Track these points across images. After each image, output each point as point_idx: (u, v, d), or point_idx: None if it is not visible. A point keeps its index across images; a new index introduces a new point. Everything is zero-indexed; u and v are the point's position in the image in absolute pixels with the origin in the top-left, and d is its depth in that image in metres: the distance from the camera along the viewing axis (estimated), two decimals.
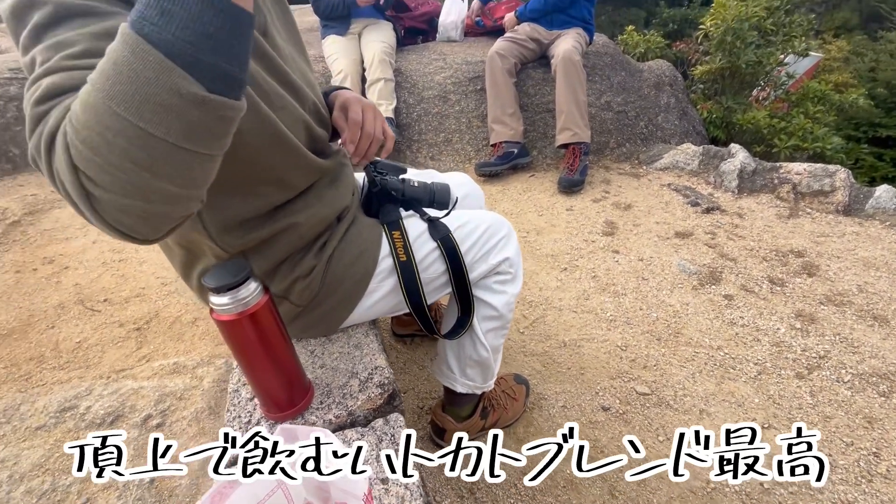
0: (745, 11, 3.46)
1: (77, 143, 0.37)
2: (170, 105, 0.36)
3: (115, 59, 0.36)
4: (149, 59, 0.35)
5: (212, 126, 0.39)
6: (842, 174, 2.21)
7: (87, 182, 0.39)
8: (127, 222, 0.41)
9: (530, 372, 1.41)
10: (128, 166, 0.37)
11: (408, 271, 0.83)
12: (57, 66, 0.43)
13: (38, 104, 0.41)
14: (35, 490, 1.07)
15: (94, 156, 0.37)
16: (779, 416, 1.25)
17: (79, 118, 0.37)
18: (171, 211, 0.43)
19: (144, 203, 0.40)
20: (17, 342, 1.50)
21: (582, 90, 2.41)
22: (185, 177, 0.41)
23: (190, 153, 0.39)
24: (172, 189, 0.40)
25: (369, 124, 0.79)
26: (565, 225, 2.16)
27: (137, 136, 0.36)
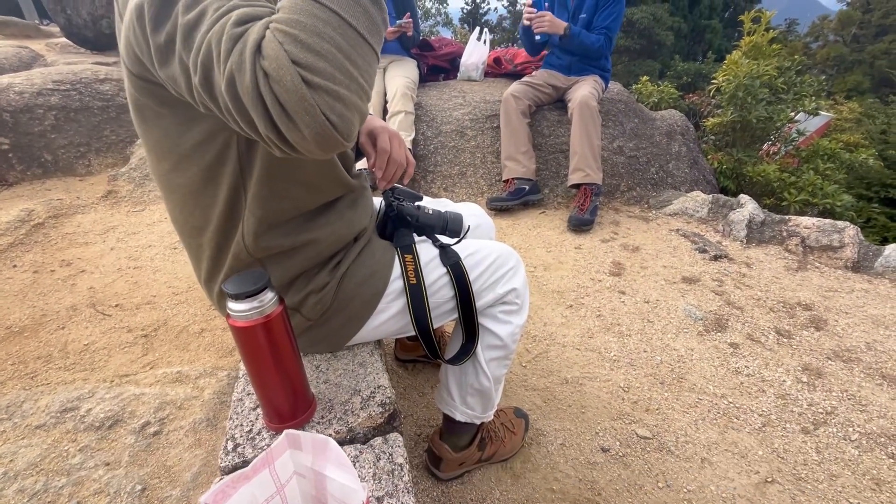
0: (757, 70, 3.58)
1: (292, 37, 0.43)
2: (361, 1, 0.47)
3: None
4: None
5: (379, 25, 0.49)
6: (850, 231, 2.22)
7: (306, 73, 0.43)
8: (338, 110, 0.45)
9: (530, 406, 1.40)
10: (335, 54, 0.45)
11: (417, 294, 0.85)
12: (240, 4, 0.48)
13: (237, 25, 0.46)
14: (27, 489, 1.07)
15: (312, 44, 0.44)
16: (783, 471, 1.22)
17: (290, 18, 0.44)
18: (360, 106, 0.48)
19: (348, 91, 0.46)
20: (27, 340, 1.53)
21: (596, 134, 2.48)
22: (367, 72, 0.49)
23: (370, 49, 0.48)
24: (361, 81, 0.48)
25: (396, 152, 0.85)
26: (573, 263, 2.18)
27: (341, 25, 0.45)
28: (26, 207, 2.32)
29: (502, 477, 1.19)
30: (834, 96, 15.33)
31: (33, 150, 2.77)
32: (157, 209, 2.48)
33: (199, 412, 1.27)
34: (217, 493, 0.44)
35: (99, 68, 3.32)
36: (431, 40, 3.43)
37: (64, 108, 2.88)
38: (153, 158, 0.71)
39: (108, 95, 3.06)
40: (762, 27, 3.88)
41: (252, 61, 0.43)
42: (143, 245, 2.14)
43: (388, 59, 2.94)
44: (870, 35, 30.96)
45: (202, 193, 0.70)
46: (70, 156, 2.87)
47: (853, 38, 31.73)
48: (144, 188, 2.62)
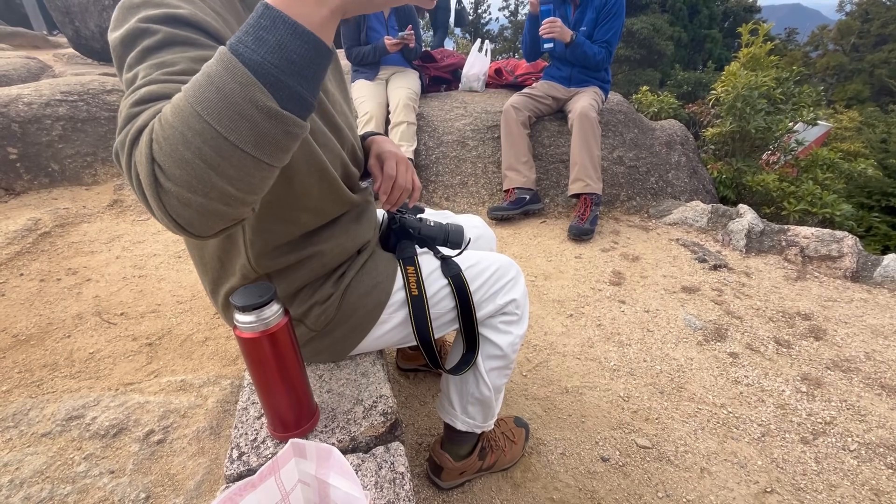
0: (756, 81, 3.61)
1: (160, 138, 0.43)
2: (246, 114, 0.42)
3: (208, 72, 0.43)
4: (237, 74, 0.41)
5: (278, 139, 0.44)
6: (849, 240, 2.24)
7: (159, 173, 0.44)
8: (186, 215, 0.46)
9: (531, 416, 1.41)
10: (198, 163, 0.43)
11: (419, 305, 0.87)
12: (157, 79, 0.49)
13: (134, 106, 0.48)
14: (33, 497, 1.08)
15: (172, 151, 0.43)
16: (782, 481, 1.22)
17: (167, 118, 0.43)
18: (226, 211, 0.47)
19: (204, 199, 0.45)
20: (33, 348, 1.55)
21: (596, 144, 2.51)
22: (245, 181, 0.45)
23: (254, 160, 0.44)
24: (231, 190, 0.45)
25: (402, 178, 0.88)
26: (573, 272, 2.20)
27: (213, 137, 0.42)
28: (33, 216, 2.36)
29: (503, 486, 1.20)
30: (834, 105, 15.41)
31: (41, 159, 2.82)
32: None
33: (202, 421, 1.29)
34: (224, 501, 0.46)
35: (106, 79, 3.38)
36: (433, 52, 3.48)
37: (71, 119, 2.92)
38: None
39: (115, 106, 3.10)
40: (760, 39, 3.93)
41: (130, 145, 0.46)
42: (148, 254, 2.16)
43: (390, 71, 2.99)
44: (869, 44, 31.15)
45: None
46: (77, 165, 2.91)
47: (853, 47, 31.93)
48: None
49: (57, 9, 4.30)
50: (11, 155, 2.75)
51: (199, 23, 0.55)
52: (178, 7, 0.55)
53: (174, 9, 0.55)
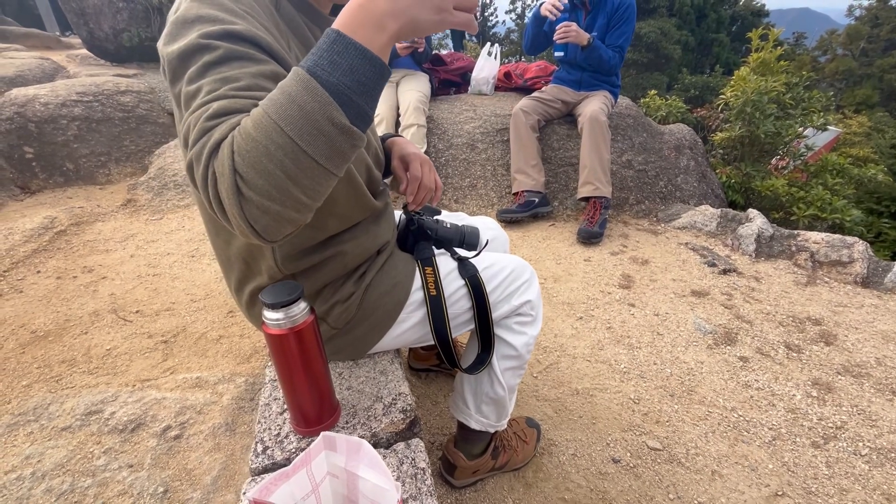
0: (765, 86, 3.61)
1: (243, 150, 0.47)
2: (324, 130, 0.47)
3: (288, 91, 0.47)
4: (316, 94, 0.46)
5: (346, 151, 0.50)
6: (860, 246, 2.23)
7: (241, 183, 0.47)
8: (263, 221, 0.49)
9: (542, 417, 1.42)
10: (279, 174, 0.47)
11: (436, 305, 0.89)
12: (225, 94, 0.52)
13: (210, 119, 0.50)
14: (55, 489, 1.10)
15: (255, 162, 0.46)
16: (793, 485, 1.23)
17: (248, 132, 0.47)
18: (297, 217, 0.51)
19: (281, 207, 0.48)
20: (51, 344, 1.58)
21: (606, 148, 2.52)
22: (315, 190, 0.50)
23: (325, 171, 0.49)
24: (304, 199, 0.49)
25: (426, 178, 0.91)
26: (582, 275, 2.21)
27: (294, 150, 0.46)
28: (49, 215, 2.39)
29: (515, 485, 1.21)
30: (843, 110, 15.31)
31: (56, 159, 2.86)
32: (174, 217, 2.55)
33: (218, 417, 1.31)
34: (262, 490, 0.47)
35: (120, 80, 3.43)
36: (443, 55, 3.51)
37: (86, 119, 2.97)
38: None
39: (128, 107, 3.15)
40: (770, 44, 3.92)
41: (208, 157, 0.49)
42: (162, 253, 2.20)
43: (400, 74, 3.01)
44: (878, 49, 30.95)
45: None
46: (91, 165, 2.95)
47: (862, 51, 31.73)
48: (163, 197, 2.69)
49: (72, 10, 4.36)
50: (28, 154, 2.79)
51: (255, 38, 0.58)
52: (233, 23, 0.57)
53: (230, 25, 0.56)
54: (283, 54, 0.61)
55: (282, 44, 0.65)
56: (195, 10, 0.57)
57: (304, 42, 0.73)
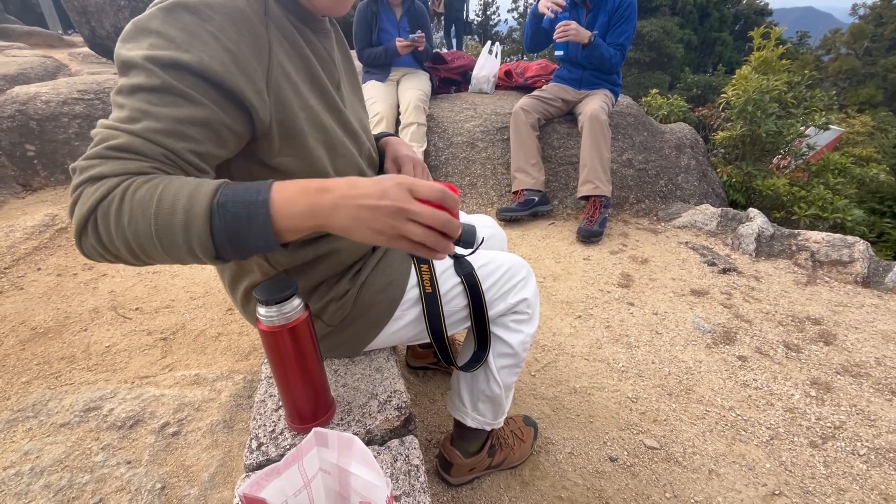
0: (767, 84, 3.60)
1: (114, 207, 0.50)
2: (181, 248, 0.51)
3: (183, 204, 0.49)
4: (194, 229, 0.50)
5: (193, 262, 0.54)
6: (860, 246, 2.23)
7: (91, 223, 0.51)
8: (89, 253, 0.54)
9: (539, 415, 1.42)
10: (128, 242, 0.51)
11: (432, 303, 0.89)
12: (140, 132, 0.52)
13: (113, 150, 0.52)
14: (53, 485, 1.11)
15: (115, 222, 0.50)
16: (790, 484, 1.22)
17: (130, 200, 0.50)
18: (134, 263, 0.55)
19: (112, 258, 0.54)
20: (51, 341, 1.58)
21: (606, 147, 2.51)
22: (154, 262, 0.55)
23: (168, 261, 0.54)
24: (136, 262, 0.55)
25: None
26: (581, 274, 2.20)
27: (150, 240, 0.50)
28: (50, 212, 2.40)
29: (511, 484, 1.21)
30: (846, 109, 15.24)
31: (57, 156, 2.87)
32: None
33: (216, 414, 1.31)
34: (252, 485, 0.48)
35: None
36: (443, 53, 3.50)
37: (88, 117, 2.97)
38: None
39: None
40: (772, 42, 3.91)
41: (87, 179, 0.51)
42: None
43: (401, 72, 3.01)
44: (882, 48, 30.80)
45: None
46: None
47: (865, 51, 31.59)
48: None
49: (74, 9, 4.37)
50: (29, 152, 2.80)
51: (203, 71, 0.55)
52: (186, 51, 0.54)
53: (182, 52, 0.54)
54: (236, 86, 0.57)
55: (252, 64, 0.59)
56: (157, 23, 0.55)
57: (293, 45, 0.68)
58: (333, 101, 0.73)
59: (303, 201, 0.50)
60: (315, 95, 0.71)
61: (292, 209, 0.50)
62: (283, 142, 0.66)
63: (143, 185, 0.50)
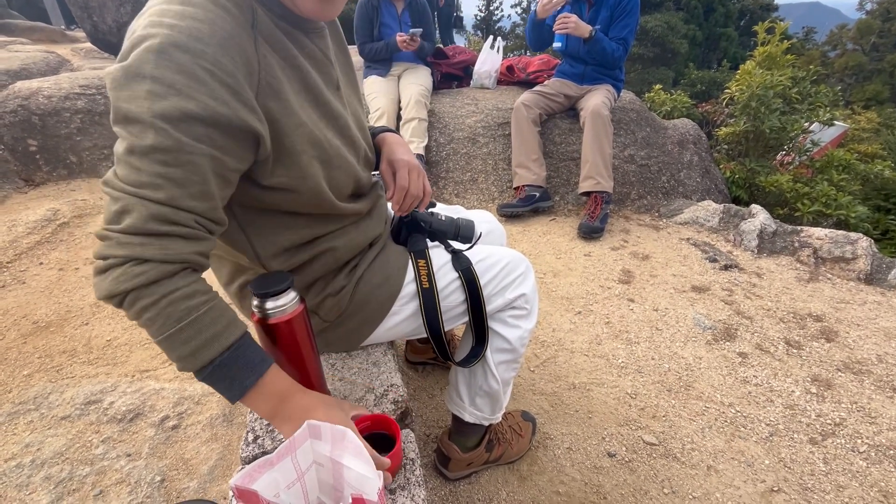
0: (771, 80, 3.57)
1: (141, 305, 0.55)
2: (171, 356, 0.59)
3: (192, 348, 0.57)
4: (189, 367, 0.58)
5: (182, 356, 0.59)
6: (864, 242, 2.21)
7: (120, 298, 0.56)
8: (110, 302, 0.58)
9: (538, 411, 1.42)
10: (138, 322, 0.58)
11: (429, 298, 0.88)
12: (166, 200, 0.54)
13: (147, 223, 0.54)
14: (53, 477, 1.12)
15: (142, 310, 0.56)
16: (790, 481, 1.22)
17: (159, 310, 0.56)
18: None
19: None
20: (52, 335, 1.59)
21: (608, 143, 2.50)
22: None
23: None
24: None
25: (414, 187, 0.87)
26: (582, 270, 2.20)
27: (155, 335, 0.58)
28: (52, 207, 2.41)
29: (509, 478, 1.21)
30: (852, 106, 15.10)
31: (59, 151, 2.87)
32: None
33: (215, 408, 1.32)
34: (245, 477, 0.48)
35: None
36: (445, 49, 3.49)
37: (90, 112, 2.98)
38: None
39: None
40: (777, 37, 3.88)
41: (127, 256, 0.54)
42: None
43: (402, 67, 3.00)
44: (889, 44, 30.50)
45: None
46: (94, 158, 2.96)
47: (872, 46, 31.30)
48: None
49: (76, 4, 4.37)
50: (31, 147, 2.81)
51: (211, 118, 0.54)
52: (189, 97, 0.52)
53: (185, 100, 0.52)
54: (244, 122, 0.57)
55: (251, 81, 0.59)
56: (150, 68, 0.52)
57: (284, 56, 0.66)
58: (331, 108, 0.72)
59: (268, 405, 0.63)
60: (310, 107, 0.69)
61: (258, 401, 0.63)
62: (276, 163, 0.65)
63: (179, 303, 0.56)
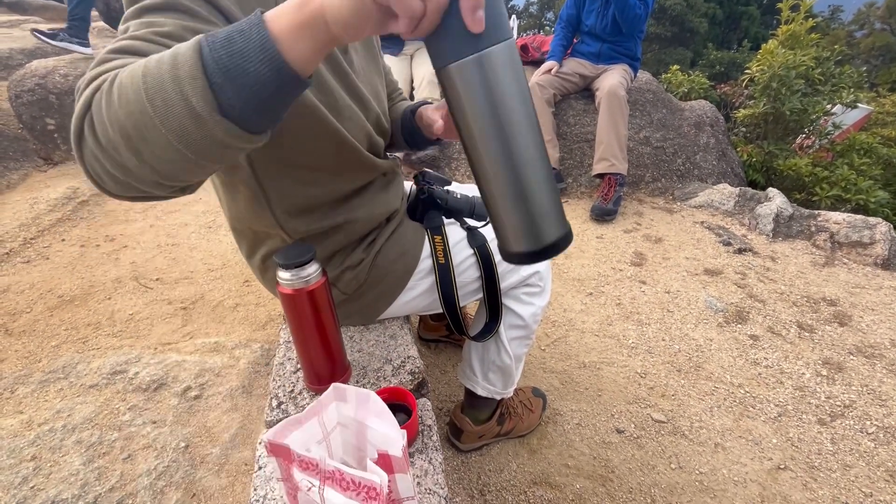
0: (794, 60, 3.46)
1: (104, 92, 0.42)
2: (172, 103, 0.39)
3: (173, 52, 0.40)
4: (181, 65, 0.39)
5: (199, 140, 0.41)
6: (882, 227, 2.18)
7: (87, 123, 0.43)
8: (97, 171, 0.45)
9: (548, 388, 1.44)
10: (122, 132, 0.41)
11: (445, 273, 0.90)
12: (141, 35, 0.48)
13: (109, 52, 0.47)
14: (84, 441, 1.17)
15: (107, 107, 0.41)
16: (796, 459, 1.24)
17: (116, 82, 0.41)
18: (136, 184, 0.45)
19: (114, 167, 0.43)
20: (77, 308, 1.65)
21: (623, 124, 2.47)
22: (159, 167, 0.43)
23: (176, 151, 0.41)
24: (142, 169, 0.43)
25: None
26: (594, 252, 2.20)
27: (142, 112, 0.40)
28: (72, 185, 2.46)
29: (519, 451, 1.25)
30: (877, 88, 14.57)
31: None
32: None
33: (235, 380, 1.36)
34: (277, 433, 0.50)
35: None
36: None
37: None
38: None
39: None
40: (801, 15, 3.75)
41: (85, 86, 0.45)
42: (180, 223, 2.25)
43: (415, 46, 2.96)
44: None
45: (229, 184, 0.76)
46: None
47: None
48: None
49: None
50: (49, 126, 2.85)
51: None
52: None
53: None
54: (235, 13, 0.55)
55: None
56: None
57: None
58: (339, 65, 0.73)
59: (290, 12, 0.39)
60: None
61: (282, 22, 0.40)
62: None
63: (134, 64, 0.42)
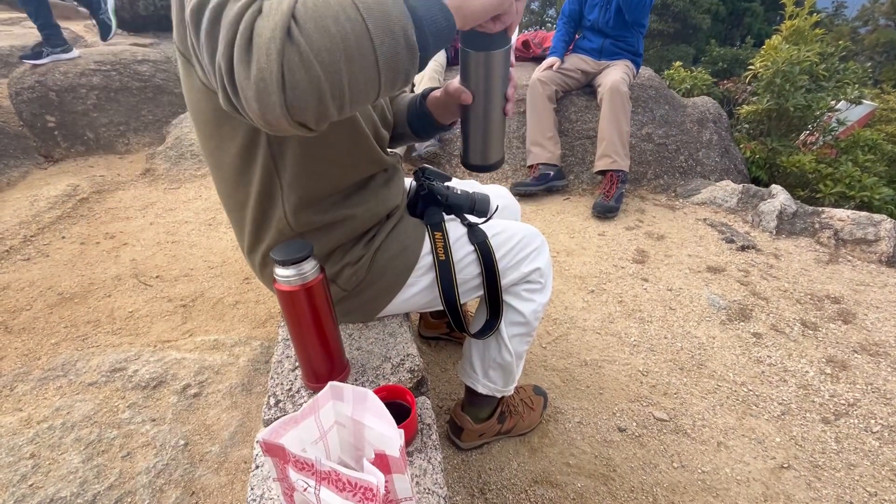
0: (798, 55, 3.43)
1: (310, 2, 0.43)
2: (396, 35, 0.46)
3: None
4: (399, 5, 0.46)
5: (400, 67, 0.48)
6: (887, 224, 2.16)
7: (295, 28, 0.42)
8: (297, 74, 0.43)
9: (549, 386, 1.43)
10: (338, 42, 0.43)
11: (445, 270, 0.89)
12: None
13: None
14: (83, 439, 1.17)
15: (320, 18, 0.43)
16: (800, 458, 1.23)
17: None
18: (324, 105, 0.46)
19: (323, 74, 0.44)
20: (77, 306, 1.64)
21: (626, 120, 2.45)
22: (357, 87, 0.47)
23: (376, 73, 0.47)
24: (344, 87, 0.46)
25: None
26: (596, 249, 2.19)
27: (363, 33, 0.44)
28: (72, 183, 2.45)
29: (520, 450, 1.24)
30: (881, 85, 14.47)
31: (77, 128, 2.91)
32: (191, 187, 2.59)
33: (234, 377, 1.36)
34: (272, 433, 0.50)
35: (137, 49, 3.43)
36: None
37: (105, 88, 2.99)
38: (201, 136, 0.76)
39: (145, 76, 3.16)
40: (805, 10, 3.71)
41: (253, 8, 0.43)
42: (180, 221, 2.24)
43: None
44: None
45: (242, 172, 0.75)
46: (110, 134, 3.00)
47: None
48: (180, 167, 2.72)
49: None
50: (50, 123, 2.85)
51: None
52: None
53: None
54: None
55: None
56: None
57: None
58: None
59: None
60: None
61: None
62: None
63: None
